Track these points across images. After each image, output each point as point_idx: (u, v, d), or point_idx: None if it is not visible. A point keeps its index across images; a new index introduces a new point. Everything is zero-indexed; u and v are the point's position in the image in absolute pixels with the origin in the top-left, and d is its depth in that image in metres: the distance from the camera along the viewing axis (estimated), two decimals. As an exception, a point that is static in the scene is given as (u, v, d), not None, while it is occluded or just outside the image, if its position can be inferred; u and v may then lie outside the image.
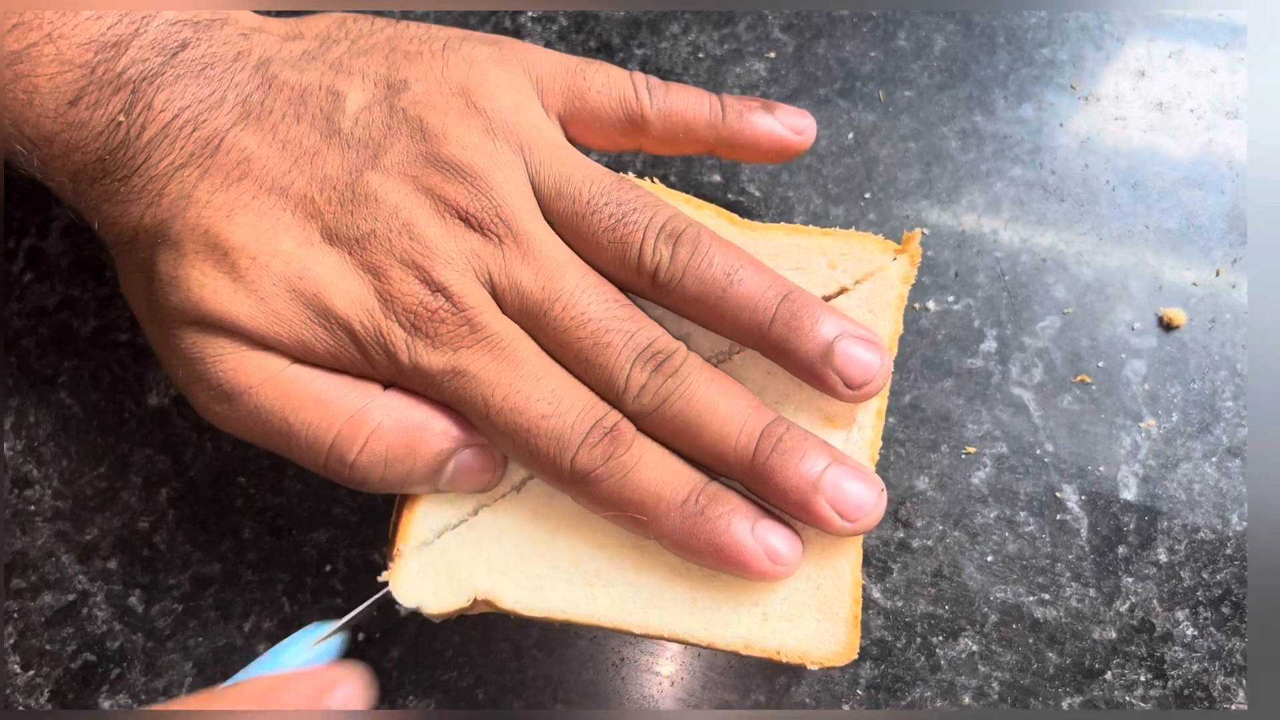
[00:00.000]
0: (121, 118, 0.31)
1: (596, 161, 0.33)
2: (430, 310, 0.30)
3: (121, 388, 0.40)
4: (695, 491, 0.31)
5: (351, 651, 0.32)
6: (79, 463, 0.39)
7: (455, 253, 0.31)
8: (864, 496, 0.31)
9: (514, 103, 0.33)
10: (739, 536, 0.30)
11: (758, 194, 0.41)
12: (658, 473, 0.31)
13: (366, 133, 0.32)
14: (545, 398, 0.30)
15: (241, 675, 0.29)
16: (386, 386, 0.32)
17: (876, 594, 0.37)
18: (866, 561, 0.37)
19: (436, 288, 0.30)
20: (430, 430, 0.31)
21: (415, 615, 0.32)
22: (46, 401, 0.40)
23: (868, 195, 0.41)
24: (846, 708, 0.36)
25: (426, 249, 0.31)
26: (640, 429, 0.31)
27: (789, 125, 0.35)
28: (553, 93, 0.34)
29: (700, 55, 0.43)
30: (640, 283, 0.32)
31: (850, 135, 0.41)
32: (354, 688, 0.27)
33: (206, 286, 0.31)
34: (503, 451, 0.32)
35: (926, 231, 0.40)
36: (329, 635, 0.31)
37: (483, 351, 0.31)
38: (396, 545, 0.32)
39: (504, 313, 0.31)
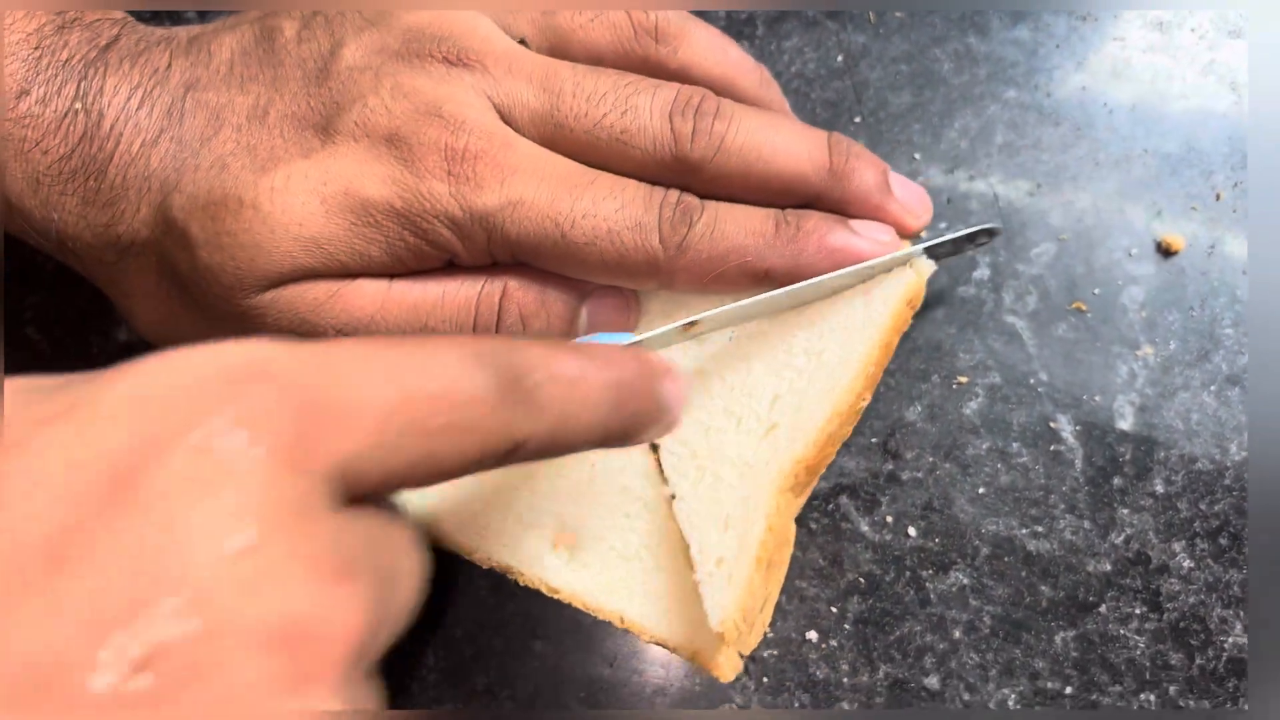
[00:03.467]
0: (77, 106, 0.30)
1: None
2: (459, 150, 0.29)
3: (89, 323, 0.39)
4: (779, 219, 0.31)
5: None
6: (46, 400, 0.38)
7: (452, 91, 0.30)
8: (918, 189, 0.33)
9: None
10: (842, 232, 0.31)
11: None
12: (739, 217, 0.31)
13: (315, 42, 0.31)
14: (606, 195, 0.30)
15: None
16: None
17: (865, 527, 0.36)
18: (855, 493, 0.36)
19: (455, 126, 0.29)
20: (550, 287, 0.31)
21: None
22: (12, 338, 0.39)
23: (858, 119, 0.39)
24: (834, 642, 0.35)
25: (424, 96, 0.29)
26: (698, 190, 0.31)
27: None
28: None
29: (684, -23, 0.41)
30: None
31: (839, 58, 0.40)
32: (683, 384, 0.25)
33: (246, 245, 0.29)
34: (587, 273, 0.31)
35: (918, 156, 0.39)
36: (634, 343, 0.29)
37: (528, 175, 0.29)
38: None
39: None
